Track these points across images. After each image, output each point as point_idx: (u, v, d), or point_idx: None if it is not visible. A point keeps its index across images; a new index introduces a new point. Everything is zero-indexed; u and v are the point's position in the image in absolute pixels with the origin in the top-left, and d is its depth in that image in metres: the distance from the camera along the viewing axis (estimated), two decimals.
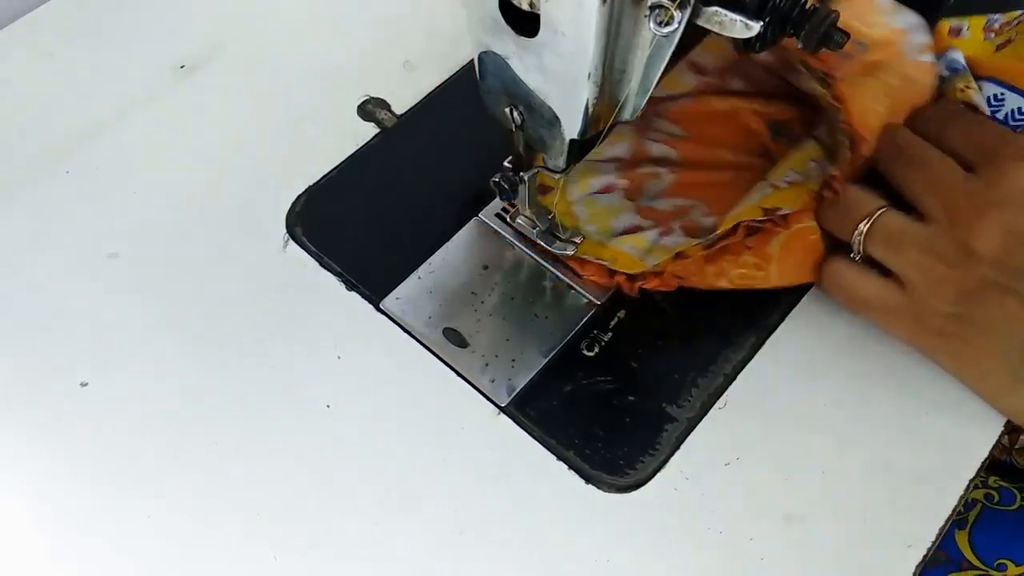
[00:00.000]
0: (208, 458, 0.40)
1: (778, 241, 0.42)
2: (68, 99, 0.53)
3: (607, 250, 0.44)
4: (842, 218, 0.41)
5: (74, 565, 0.38)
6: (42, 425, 0.42)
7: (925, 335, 0.40)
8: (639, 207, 0.46)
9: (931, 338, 0.40)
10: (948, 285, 0.38)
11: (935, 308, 0.38)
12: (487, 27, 0.34)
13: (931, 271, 0.38)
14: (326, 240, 0.47)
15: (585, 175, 0.47)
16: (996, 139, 0.40)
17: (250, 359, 0.43)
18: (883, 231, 0.39)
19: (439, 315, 0.44)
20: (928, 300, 0.38)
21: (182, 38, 0.56)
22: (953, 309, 0.38)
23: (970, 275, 0.37)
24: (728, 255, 0.42)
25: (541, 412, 0.41)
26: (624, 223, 0.45)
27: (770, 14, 0.30)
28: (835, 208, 0.41)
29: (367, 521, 0.39)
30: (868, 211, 0.40)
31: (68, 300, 0.45)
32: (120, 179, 0.50)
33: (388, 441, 0.41)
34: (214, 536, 0.39)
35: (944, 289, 0.38)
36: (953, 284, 0.38)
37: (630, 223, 0.45)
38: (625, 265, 0.43)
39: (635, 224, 0.45)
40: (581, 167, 0.46)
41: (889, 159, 0.42)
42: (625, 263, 0.43)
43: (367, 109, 0.52)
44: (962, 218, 0.37)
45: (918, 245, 0.38)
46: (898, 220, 0.39)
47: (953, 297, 0.38)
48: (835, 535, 0.38)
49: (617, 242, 0.44)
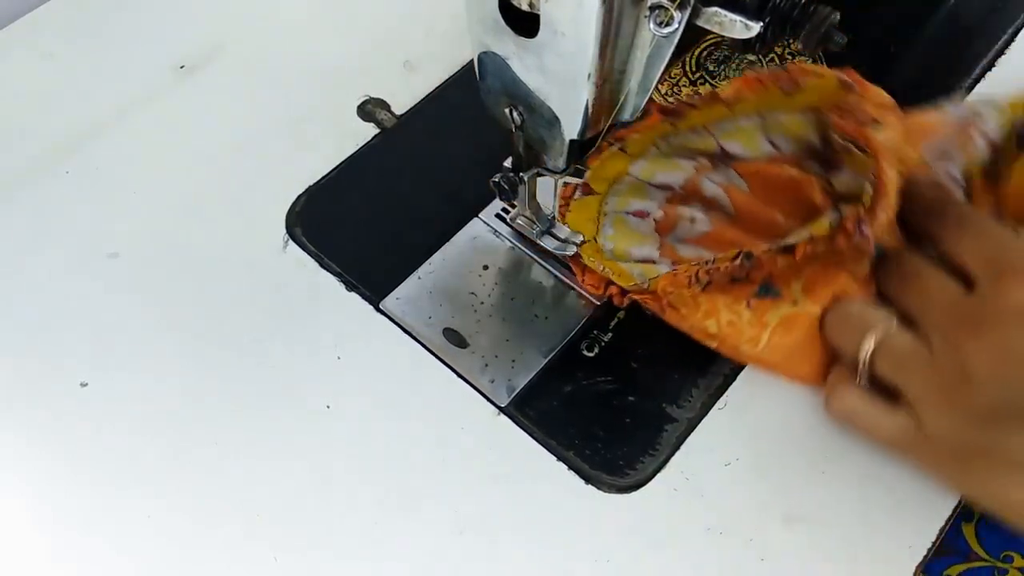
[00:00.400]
0: (208, 458, 0.40)
1: (778, 312, 0.40)
2: (68, 99, 0.53)
3: (615, 266, 0.43)
4: (847, 335, 0.39)
5: (74, 565, 0.38)
6: (42, 425, 0.42)
7: (945, 467, 0.37)
8: (663, 243, 0.44)
9: (952, 471, 0.37)
10: (957, 413, 0.35)
11: (949, 438, 0.35)
12: (487, 27, 0.34)
13: (936, 398, 0.35)
14: (326, 240, 0.47)
15: (630, 193, 0.45)
16: (999, 249, 0.36)
17: (250, 359, 0.43)
18: (889, 352, 0.37)
19: (439, 315, 0.44)
20: (939, 430, 0.35)
21: (182, 38, 0.56)
22: (968, 438, 0.35)
23: (977, 401, 0.34)
24: (724, 294, 0.40)
25: (541, 412, 0.41)
26: (642, 253, 0.44)
27: (770, 14, 0.30)
28: (841, 324, 0.39)
29: (367, 521, 0.39)
30: (871, 327, 0.38)
31: (68, 300, 0.45)
32: (120, 179, 0.50)
33: (388, 441, 0.41)
34: (214, 536, 0.39)
35: (953, 417, 0.35)
36: (961, 411, 0.35)
37: (648, 255, 0.44)
38: (625, 282, 0.42)
39: (652, 258, 0.44)
40: (631, 183, 0.45)
41: (885, 277, 0.40)
42: (626, 280, 0.42)
43: (367, 109, 0.52)
44: (959, 340, 0.35)
45: (921, 370, 0.36)
46: (904, 341, 0.37)
47: (964, 425, 0.35)
48: (835, 535, 0.38)
49: (628, 266, 0.43)
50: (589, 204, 0.45)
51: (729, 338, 0.40)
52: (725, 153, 0.44)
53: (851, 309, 0.39)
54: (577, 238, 0.44)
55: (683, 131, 0.44)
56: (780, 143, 0.44)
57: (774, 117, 0.43)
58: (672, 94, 0.53)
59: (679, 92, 0.53)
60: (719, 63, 0.54)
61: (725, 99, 0.42)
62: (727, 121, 0.44)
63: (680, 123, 0.44)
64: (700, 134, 0.44)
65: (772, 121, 0.43)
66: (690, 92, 0.53)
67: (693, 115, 0.44)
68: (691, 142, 0.45)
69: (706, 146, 0.45)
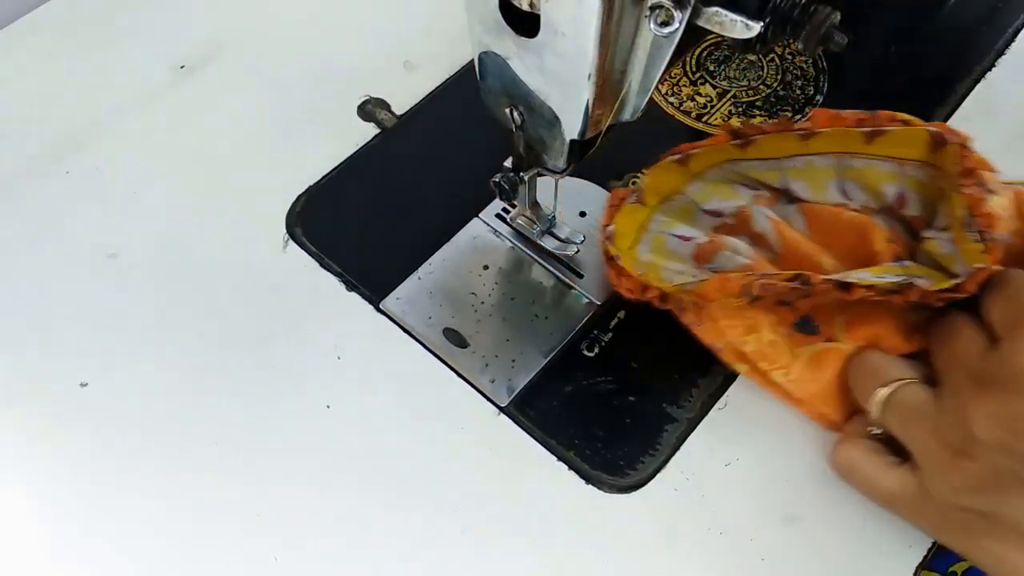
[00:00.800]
0: (208, 458, 0.40)
1: (812, 348, 0.39)
2: (68, 99, 0.53)
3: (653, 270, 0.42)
4: (865, 384, 0.38)
5: (74, 565, 0.38)
6: (42, 425, 0.42)
7: (944, 528, 0.35)
8: (697, 269, 0.42)
9: (951, 532, 0.35)
10: (957, 475, 0.33)
11: (952, 501, 0.34)
12: (487, 27, 0.34)
13: (939, 457, 0.34)
14: (326, 240, 0.47)
15: (679, 215, 0.44)
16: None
17: (250, 359, 0.43)
18: (899, 406, 0.36)
19: (439, 315, 0.44)
20: (942, 491, 0.34)
21: (182, 38, 0.56)
22: (972, 503, 0.33)
23: (978, 464, 0.33)
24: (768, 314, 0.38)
25: (541, 412, 0.41)
26: (673, 275, 0.42)
27: (770, 14, 0.30)
28: (860, 371, 0.38)
29: (367, 521, 0.39)
30: (888, 380, 0.37)
31: (68, 300, 0.45)
32: (120, 179, 0.50)
33: (388, 441, 0.41)
34: (214, 536, 0.39)
35: (953, 479, 0.33)
36: (961, 474, 0.33)
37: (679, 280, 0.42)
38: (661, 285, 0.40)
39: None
40: (683, 204, 0.44)
41: (930, 332, 0.38)
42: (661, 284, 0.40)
43: (367, 109, 0.52)
44: (967, 399, 0.33)
45: (927, 427, 0.35)
46: (916, 396, 0.36)
47: (966, 489, 0.33)
48: (835, 535, 0.38)
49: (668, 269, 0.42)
50: (638, 214, 0.43)
51: (763, 360, 0.39)
52: (789, 191, 0.43)
53: (872, 359, 0.38)
54: (578, 237, 0.44)
55: (751, 158, 0.43)
56: (852, 191, 0.42)
57: (849, 161, 0.41)
58: (672, 94, 0.53)
59: (679, 92, 0.53)
60: (719, 63, 0.54)
61: (800, 130, 0.41)
62: (799, 156, 0.42)
63: (749, 149, 0.42)
64: (768, 165, 0.43)
65: (847, 165, 0.41)
66: (690, 92, 0.53)
67: (763, 143, 0.42)
68: (756, 172, 0.43)
69: (771, 179, 0.43)
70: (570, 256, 0.45)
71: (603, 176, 0.48)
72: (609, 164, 0.49)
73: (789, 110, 0.52)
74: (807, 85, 0.53)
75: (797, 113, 0.52)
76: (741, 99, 0.53)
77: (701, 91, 0.53)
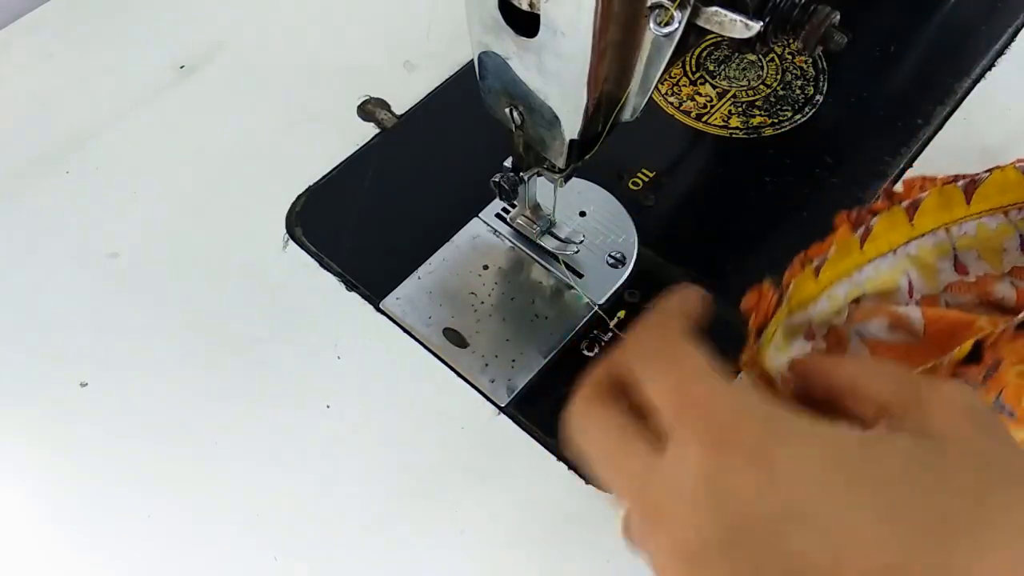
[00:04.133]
0: (208, 458, 0.40)
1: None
2: (68, 99, 0.53)
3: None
4: None
5: (74, 565, 0.38)
6: (42, 425, 0.42)
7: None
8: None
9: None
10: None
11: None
12: (487, 27, 0.34)
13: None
14: (326, 240, 0.47)
15: (792, 335, 0.39)
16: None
17: (250, 359, 0.43)
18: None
19: (439, 315, 0.44)
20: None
21: (182, 38, 0.56)
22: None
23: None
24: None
25: (541, 412, 0.41)
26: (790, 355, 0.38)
27: (770, 14, 0.30)
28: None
29: (367, 520, 0.39)
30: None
31: (68, 300, 0.45)
32: (120, 179, 0.50)
33: (388, 441, 0.41)
34: (214, 536, 0.39)
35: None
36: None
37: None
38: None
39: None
40: (800, 321, 0.39)
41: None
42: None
43: (367, 109, 0.52)
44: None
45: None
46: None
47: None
48: None
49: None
50: (779, 316, 0.38)
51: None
52: (909, 289, 0.40)
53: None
54: (578, 237, 0.44)
55: (872, 258, 0.39)
56: (969, 261, 0.39)
57: (959, 229, 0.39)
58: (672, 94, 0.53)
59: (679, 92, 0.53)
60: (719, 63, 0.54)
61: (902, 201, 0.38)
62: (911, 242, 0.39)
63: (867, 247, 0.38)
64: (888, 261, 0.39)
65: (958, 234, 0.39)
66: (690, 92, 0.52)
67: (877, 228, 0.38)
68: (879, 280, 0.39)
69: (890, 284, 0.39)
70: (570, 256, 0.45)
71: (603, 176, 0.48)
72: (609, 164, 0.49)
73: (789, 110, 0.52)
74: (807, 85, 0.53)
75: (797, 113, 0.52)
76: (741, 99, 0.53)
77: (701, 91, 0.53)
